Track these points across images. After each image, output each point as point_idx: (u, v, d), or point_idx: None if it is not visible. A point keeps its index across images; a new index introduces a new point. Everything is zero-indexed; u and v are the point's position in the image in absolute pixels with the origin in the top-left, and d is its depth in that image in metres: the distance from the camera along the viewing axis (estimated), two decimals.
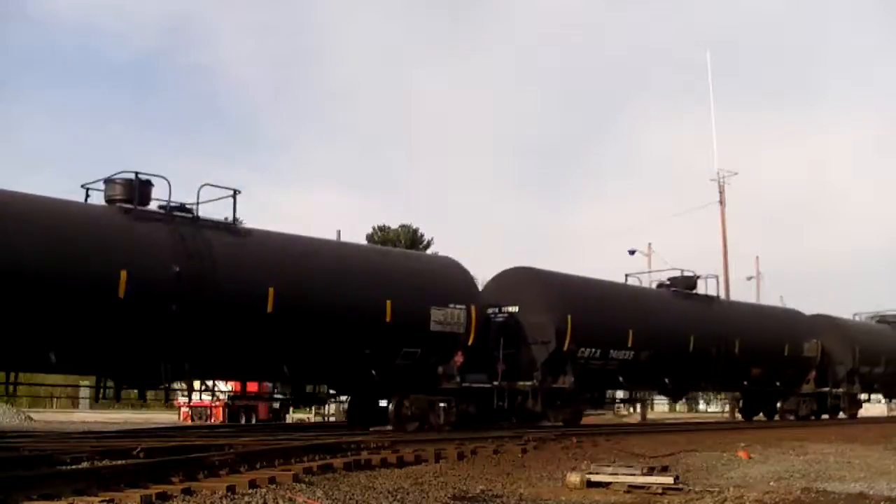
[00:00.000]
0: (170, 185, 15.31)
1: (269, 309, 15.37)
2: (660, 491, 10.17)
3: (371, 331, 16.96)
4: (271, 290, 15.40)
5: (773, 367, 27.07)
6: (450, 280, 19.17)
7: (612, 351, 21.63)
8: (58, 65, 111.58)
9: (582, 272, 23.21)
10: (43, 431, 16.57)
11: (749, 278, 54.70)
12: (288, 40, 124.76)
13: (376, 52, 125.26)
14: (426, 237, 62.17)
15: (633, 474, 10.65)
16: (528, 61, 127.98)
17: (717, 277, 26.33)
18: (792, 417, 29.55)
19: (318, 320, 16.25)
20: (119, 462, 9.78)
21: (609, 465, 11.30)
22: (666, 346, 22.99)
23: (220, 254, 15.24)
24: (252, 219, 17.19)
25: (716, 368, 24.51)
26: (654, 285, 25.86)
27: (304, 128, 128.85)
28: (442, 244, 61.23)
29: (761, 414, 30.35)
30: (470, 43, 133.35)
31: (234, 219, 16.08)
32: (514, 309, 20.36)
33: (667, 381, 23.99)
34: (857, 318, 35.03)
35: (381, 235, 59.65)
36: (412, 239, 59.56)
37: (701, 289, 25.78)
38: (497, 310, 20.46)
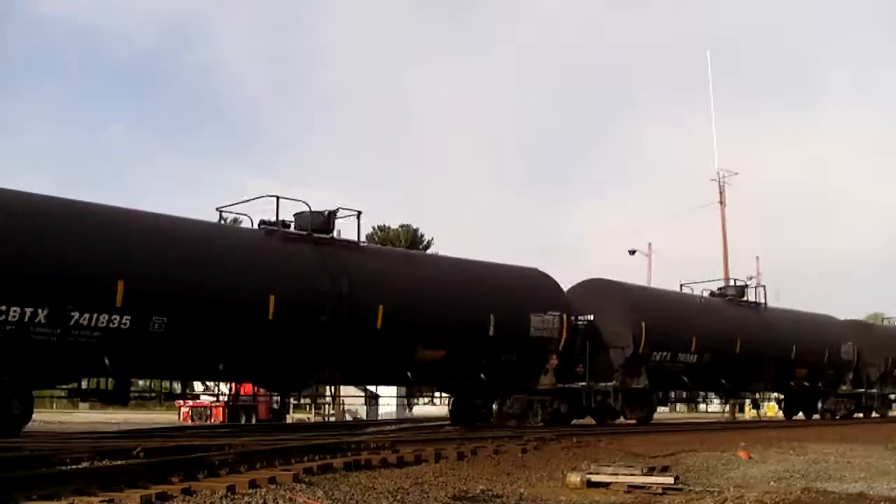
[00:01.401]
0: (310, 208, 17.11)
1: (399, 328, 17.32)
2: (660, 491, 10.17)
3: (479, 341, 19.05)
4: (381, 306, 17.12)
5: (816, 369, 29.20)
6: (543, 290, 21.30)
7: (679, 354, 23.78)
8: (57, 63, 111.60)
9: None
10: (43, 431, 16.55)
11: (749, 278, 54.68)
12: (288, 40, 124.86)
13: (376, 51, 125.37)
14: (426, 237, 62.19)
15: (634, 474, 10.65)
16: (528, 61, 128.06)
17: (763, 287, 28.88)
18: (830, 416, 31.20)
19: (439, 338, 18.32)
20: (119, 462, 9.76)
21: (609, 465, 11.29)
22: (723, 350, 24.98)
23: (353, 272, 17.02)
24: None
25: (766, 370, 26.65)
26: (704, 292, 27.57)
27: (305, 127, 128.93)
28: (442, 244, 61.27)
29: (801, 413, 32.31)
30: (470, 43, 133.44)
31: (359, 238, 17.91)
32: (591, 317, 22.16)
33: (723, 381, 26.07)
34: (885, 324, 38.06)
35: (381, 235, 59.62)
36: (412, 239, 59.57)
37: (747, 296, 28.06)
38: (576, 317, 21.90)
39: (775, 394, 33.19)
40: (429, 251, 54.99)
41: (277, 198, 16.65)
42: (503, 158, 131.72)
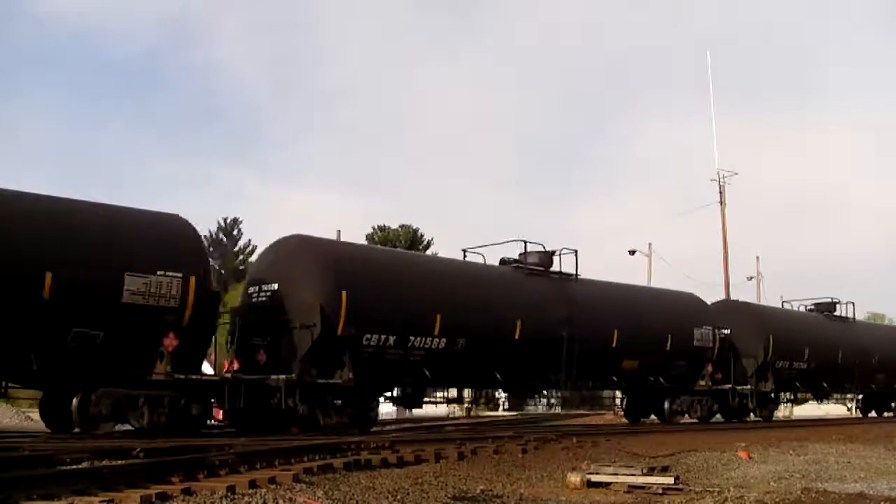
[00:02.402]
0: (544, 248, 21.91)
1: (614, 344, 22.00)
2: (660, 491, 10.17)
3: (661, 354, 23.46)
4: (616, 331, 22.05)
5: (893, 373, 33.59)
6: (698, 308, 25.72)
7: (794, 362, 28.01)
8: (56, 63, 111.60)
9: (582, 272, 23.73)
10: (43, 431, 16.54)
11: (749, 278, 54.84)
12: (288, 40, 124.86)
13: (376, 51, 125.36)
14: (426, 237, 62.14)
15: (634, 474, 10.65)
16: (528, 61, 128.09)
17: (853, 303, 32.76)
18: None
19: (637, 351, 22.78)
20: (119, 462, 9.76)
21: (609, 466, 11.30)
22: (825, 358, 29.27)
23: (578, 300, 21.63)
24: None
25: (858, 374, 31.04)
26: (801, 307, 32.25)
27: (305, 127, 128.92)
28: (442, 244, 61.29)
29: (873, 411, 35.74)
30: (470, 43, 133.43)
31: (577, 273, 22.28)
32: (728, 331, 25.77)
33: (825, 384, 30.51)
34: None
35: (381, 235, 59.65)
36: (412, 239, 59.55)
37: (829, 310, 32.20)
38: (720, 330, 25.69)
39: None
40: (428, 251, 55.01)
41: (525, 242, 21.73)
42: (503, 158, 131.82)
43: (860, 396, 35.44)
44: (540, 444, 14.70)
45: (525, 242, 21.85)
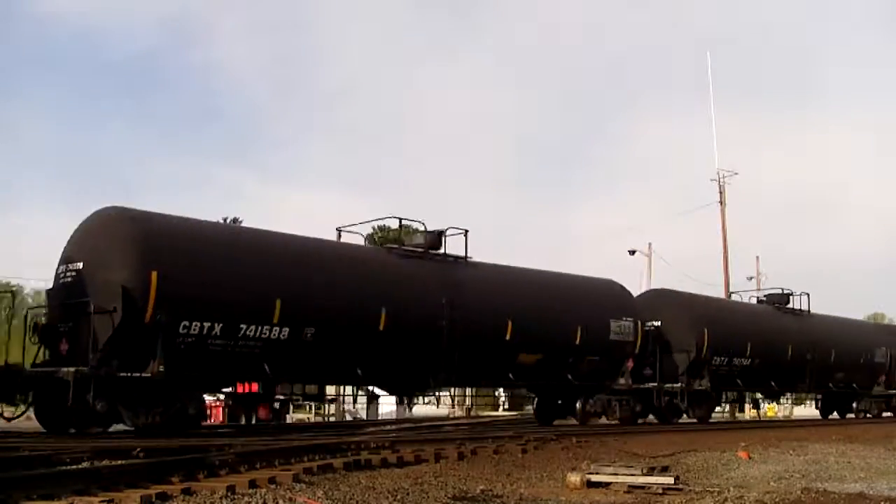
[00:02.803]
0: (425, 227, 19.36)
1: (507, 336, 19.55)
2: (660, 491, 10.17)
3: (568, 348, 21.12)
4: (509, 321, 19.64)
5: (853, 371, 31.39)
6: (619, 297, 23.19)
7: (735, 358, 25.77)
8: (56, 62, 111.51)
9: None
10: (42, 431, 16.53)
11: (749, 278, 54.82)
12: (288, 40, 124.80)
13: (376, 51, 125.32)
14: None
15: (634, 474, 10.64)
16: (528, 61, 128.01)
17: (808, 294, 30.19)
18: (864, 416, 33.18)
19: (537, 344, 20.44)
20: (119, 462, 9.76)
21: (609, 466, 11.29)
22: (772, 354, 27.16)
23: (465, 286, 19.28)
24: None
25: (810, 372, 29.03)
26: (751, 299, 30.26)
27: (305, 127, 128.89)
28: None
29: (835, 412, 33.94)
30: (470, 43, 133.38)
31: (466, 254, 19.89)
32: (658, 323, 23.82)
33: (773, 383, 28.40)
34: None
35: (381, 235, 59.58)
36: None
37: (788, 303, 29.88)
38: (644, 323, 23.40)
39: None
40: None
41: (400, 219, 19.45)
42: (503, 158, 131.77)
43: (818, 397, 33.85)
44: (540, 444, 14.71)
45: (400, 220, 19.63)
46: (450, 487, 10.05)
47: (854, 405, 33.54)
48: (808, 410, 39.05)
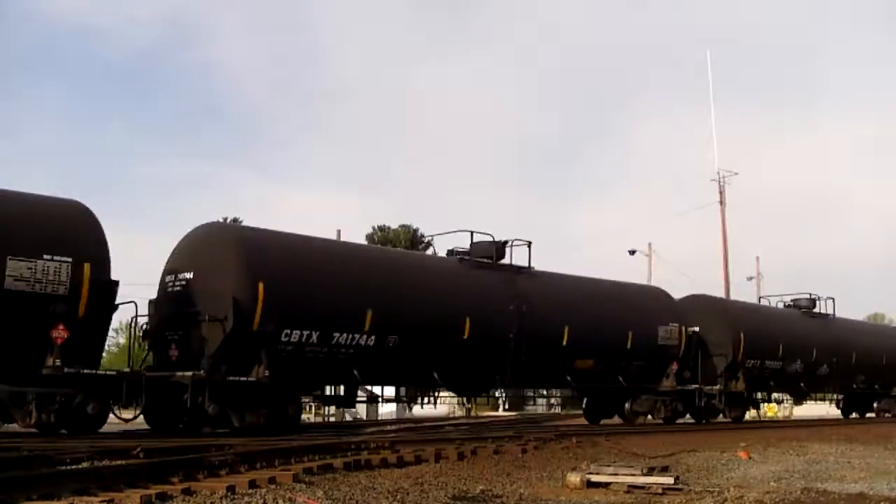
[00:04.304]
0: (493, 238, 20.53)
1: (564, 342, 20.68)
2: (660, 491, 10.17)
3: (620, 353, 22.26)
4: (566, 328, 20.76)
5: (874, 372, 32.50)
6: (665, 304, 24.58)
7: (766, 361, 26.87)
8: (56, 62, 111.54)
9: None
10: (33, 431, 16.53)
11: (749, 278, 54.91)
12: (288, 40, 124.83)
13: (376, 51, 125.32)
14: (426, 237, 62.01)
15: (634, 474, 10.65)
16: (528, 61, 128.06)
17: (833, 299, 31.30)
18: (884, 415, 34.15)
19: (591, 349, 21.67)
20: (119, 462, 9.75)
21: (609, 466, 11.29)
22: (801, 357, 28.31)
23: (529, 295, 20.39)
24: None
25: (835, 374, 30.18)
26: (778, 304, 30.94)
27: (304, 127, 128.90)
28: (442, 244, 61.14)
29: (855, 413, 34.92)
30: (470, 42, 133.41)
31: (529, 264, 21.07)
32: (697, 328, 24.73)
33: (802, 384, 29.41)
34: None
35: (381, 235, 59.59)
36: (412, 239, 59.47)
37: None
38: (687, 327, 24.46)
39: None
40: (428, 251, 54.89)
41: (472, 232, 20.47)
42: (503, 158, 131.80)
43: (841, 397, 34.64)
44: (540, 444, 14.70)
45: (472, 233, 20.64)
46: (450, 487, 10.05)
47: (875, 405, 34.76)
48: (809, 410, 39.04)
